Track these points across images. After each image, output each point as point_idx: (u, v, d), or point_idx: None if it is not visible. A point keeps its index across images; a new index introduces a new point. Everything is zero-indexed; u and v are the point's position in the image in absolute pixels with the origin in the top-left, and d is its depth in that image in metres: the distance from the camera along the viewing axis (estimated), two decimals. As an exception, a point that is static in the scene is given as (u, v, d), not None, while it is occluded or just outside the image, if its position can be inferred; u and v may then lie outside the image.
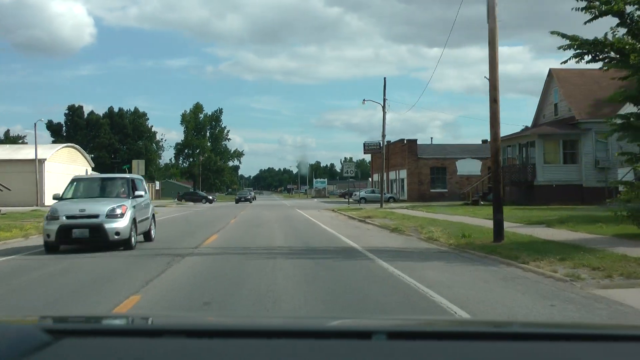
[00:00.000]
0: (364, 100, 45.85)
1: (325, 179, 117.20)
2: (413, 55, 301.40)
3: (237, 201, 71.12)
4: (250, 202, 70.32)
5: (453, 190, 58.39)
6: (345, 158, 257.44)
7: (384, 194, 62.11)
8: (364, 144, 67.21)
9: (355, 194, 61.80)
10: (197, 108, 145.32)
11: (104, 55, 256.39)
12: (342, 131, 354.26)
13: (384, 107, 43.82)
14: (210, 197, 73.86)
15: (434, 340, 1.64)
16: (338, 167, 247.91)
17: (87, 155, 70.87)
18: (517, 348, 1.57)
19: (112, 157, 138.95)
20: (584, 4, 14.13)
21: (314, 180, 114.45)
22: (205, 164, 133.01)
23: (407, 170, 59.27)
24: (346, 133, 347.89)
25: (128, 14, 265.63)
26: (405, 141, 60.57)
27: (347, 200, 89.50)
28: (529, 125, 43.55)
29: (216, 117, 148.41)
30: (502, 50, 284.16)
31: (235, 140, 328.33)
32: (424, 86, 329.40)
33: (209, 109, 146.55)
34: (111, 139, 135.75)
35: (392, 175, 65.13)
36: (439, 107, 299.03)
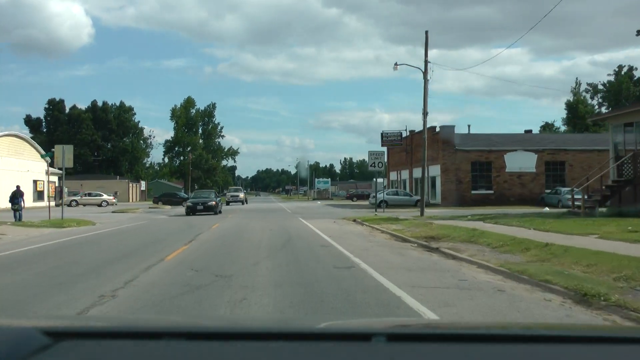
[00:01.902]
0: (395, 64, 31.93)
1: (329, 179, 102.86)
2: (412, 56, 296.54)
3: (190, 211, 35.14)
4: (217, 212, 35.62)
5: (501, 191, 44.36)
6: (345, 158, 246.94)
7: (410, 196, 48.05)
8: (382, 134, 53.38)
9: (374, 196, 47.89)
10: (189, 102, 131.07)
11: (102, 55, 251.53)
12: (340, 132, 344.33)
13: (425, 73, 29.88)
14: (193, 200, 59.71)
15: (434, 342, 1.57)
16: (338, 168, 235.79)
17: (40, 148, 56.76)
18: (518, 350, 1.52)
19: (94, 154, 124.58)
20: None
21: (316, 180, 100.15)
22: (196, 162, 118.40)
23: (440, 165, 45.26)
24: (344, 134, 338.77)
25: (126, 14, 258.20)
26: (437, 129, 46.44)
27: (355, 202, 74.52)
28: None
29: (209, 112, 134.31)
30: (500, 52, 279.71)
31: (233, 141, 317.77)
32: (422, 88, 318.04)
33: (202, 106, 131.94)
34: (93, 135, 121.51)
35: (418, 172, 51.13)
36: (436, 109, 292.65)
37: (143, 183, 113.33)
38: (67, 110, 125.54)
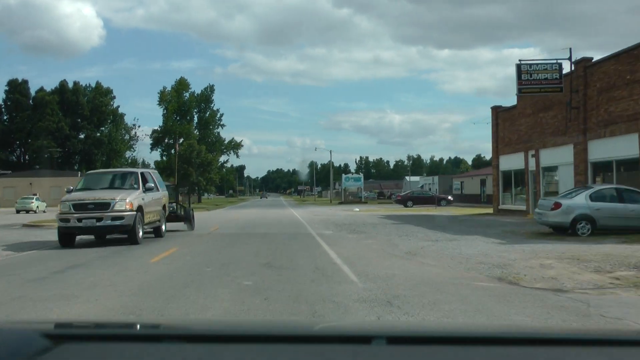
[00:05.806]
0: None
1: (361, 175, 74.99)
2: (423, 56, 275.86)
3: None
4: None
5: None
6: (360, 157, 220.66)
7: None
8: (517, 65, 24.79)
9: (542, 203, 19.58)
10: (181, 85, 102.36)
11: (111, 57, 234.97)
12: (351, 133, 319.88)
13: None
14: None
15: (434, 345, 1.49)
16: (352, 168, 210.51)
17: None
18: (520, 353, 1.44)
19: (63, 147, 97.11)
20: None
21: (344, 176, 72.57)
22: (186, 155, 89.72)
23: None
24: (355, 135, 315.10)
25: (135, 15, 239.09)
26: None
27: (412, 208, 44.25)
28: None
29: (206, 96, 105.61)
30: (512, 52, 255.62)
31: (244, 142, 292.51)
32: (433, 87, 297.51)
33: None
34: (60, 123, 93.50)
35: (605, 148, 22.44)
36: (446, 109, 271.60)
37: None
38: (33, 93, 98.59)
